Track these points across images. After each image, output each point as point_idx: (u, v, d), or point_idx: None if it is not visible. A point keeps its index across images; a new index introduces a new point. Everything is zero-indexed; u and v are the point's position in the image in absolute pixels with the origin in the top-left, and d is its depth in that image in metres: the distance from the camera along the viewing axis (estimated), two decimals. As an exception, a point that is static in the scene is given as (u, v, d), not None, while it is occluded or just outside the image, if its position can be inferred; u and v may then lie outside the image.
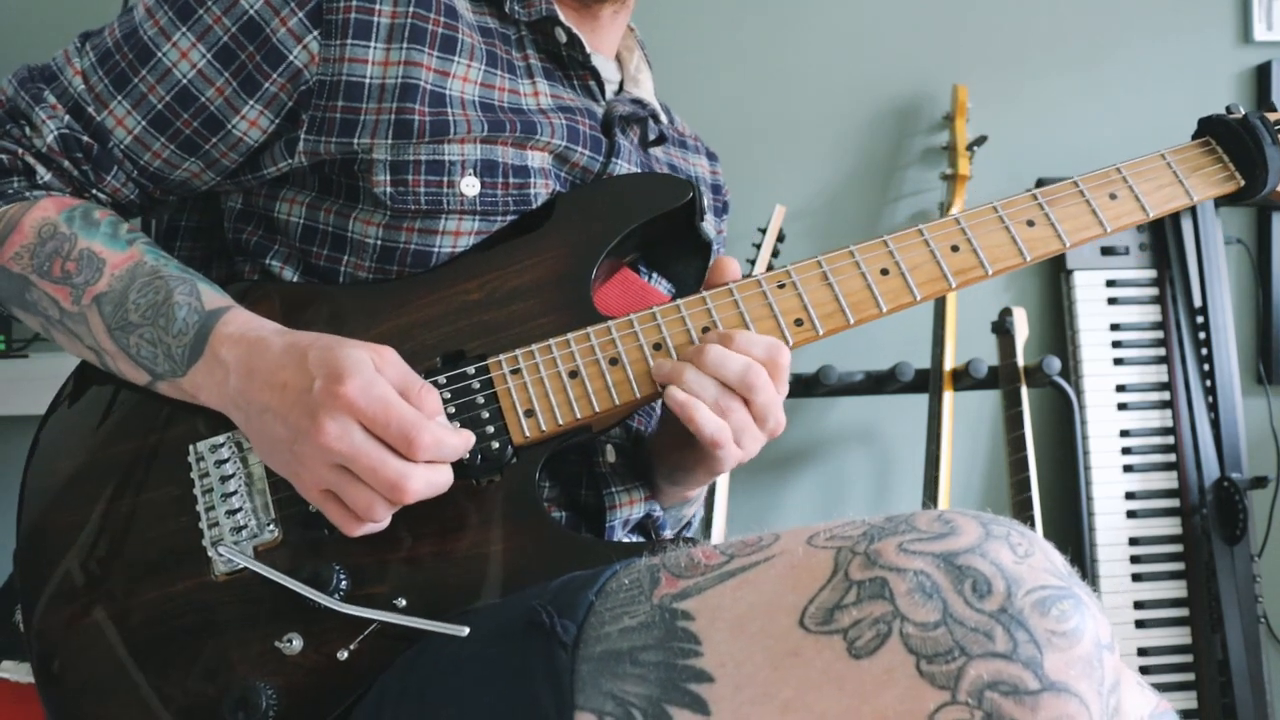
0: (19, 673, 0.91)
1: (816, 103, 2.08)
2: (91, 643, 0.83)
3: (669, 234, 0.97)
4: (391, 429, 0.77)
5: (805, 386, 1.94)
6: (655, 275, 1.03)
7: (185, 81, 0.90)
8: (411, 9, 0.90)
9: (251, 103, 0.90)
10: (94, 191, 0.94)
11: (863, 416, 2.09)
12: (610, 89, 1.05)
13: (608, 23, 1.04)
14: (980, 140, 2.00)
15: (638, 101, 1.04)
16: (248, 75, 0.89)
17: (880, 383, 1.95)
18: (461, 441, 0.81)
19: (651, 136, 1.08)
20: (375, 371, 0.78)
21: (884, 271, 0.92)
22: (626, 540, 1.00)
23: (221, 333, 0.84)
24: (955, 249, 0.93)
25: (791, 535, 0.70)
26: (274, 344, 0.82)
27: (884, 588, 0.63)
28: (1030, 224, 0.95)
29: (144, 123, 0.91)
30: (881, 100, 2.09)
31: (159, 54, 0.90)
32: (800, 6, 2.07)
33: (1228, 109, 1.05)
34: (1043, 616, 0.60)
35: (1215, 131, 1.04)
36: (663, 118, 1.08)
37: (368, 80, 0.89)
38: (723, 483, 1.85)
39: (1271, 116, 1.04)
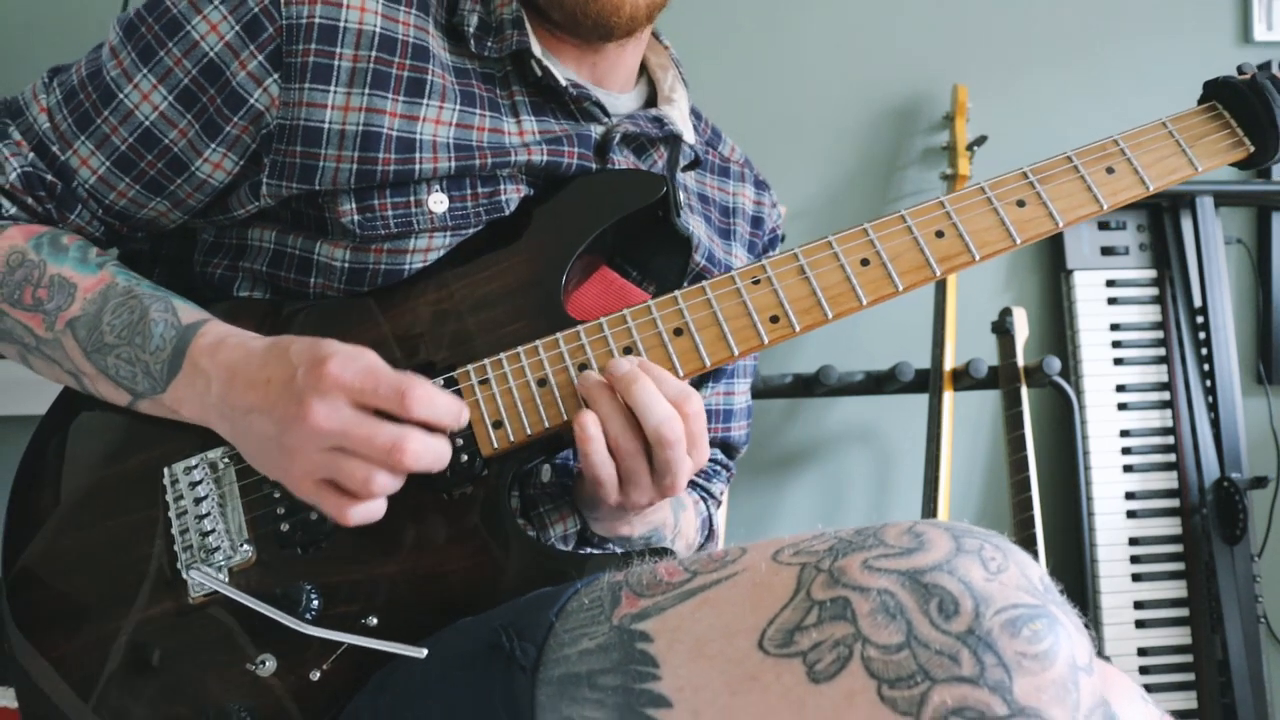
0: (4, 698, 0.91)
1: (816, 103, 2.08)
2: (71, 667, 0.82)
3: (645, 231, 0.94)
4: (382, 389, 0.76)
5: (805, 386, 1.94)
6: (638, 273, 1.00)
7: (148, 123, 0.89)
8: (374, 53, 0.88)
9: (214, 145, 0.89)
10: (59, 227, 0.92)
11: (863, 416, 2.09)
12: (619, 117, 1.00)
13: (613, 54, 0.99)
14: (980, 140, 2.00)
15: (656, 119, 0.99)
16: (209, 118, 0.88)
17: (880, 383, 1.95)
18: (454, 403, 0.80)
19: (684, 161, 1.03)
20: (355, 352, 0.78)
21: (864, 262, 0.87)
22: (598, 551, 0.99)
23: (199, 344, 0.83)
24: (940, 234, 0.88)
25: (757, 550, 0.68)
26: (254, 346, 0.82)
27: (846, 608, 0.60)
28: (1021, 204, 0.89)
29: (108, 163, 0.90)
30: (881, 100, 2.09)
31: (121, 95, 0.89)
32: (800, 6, 2.07)
33: (1239, 69, 0.98)
34: (1013, 638, 0.57)
35: (1221, 95, 0.96)
36: (689, 137, 1.03)
37: (327, 125, 0.87)
38: (723, 483, 1.85)
39: None
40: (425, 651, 0.74)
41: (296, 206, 0.91)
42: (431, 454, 0.78)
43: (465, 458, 0.83)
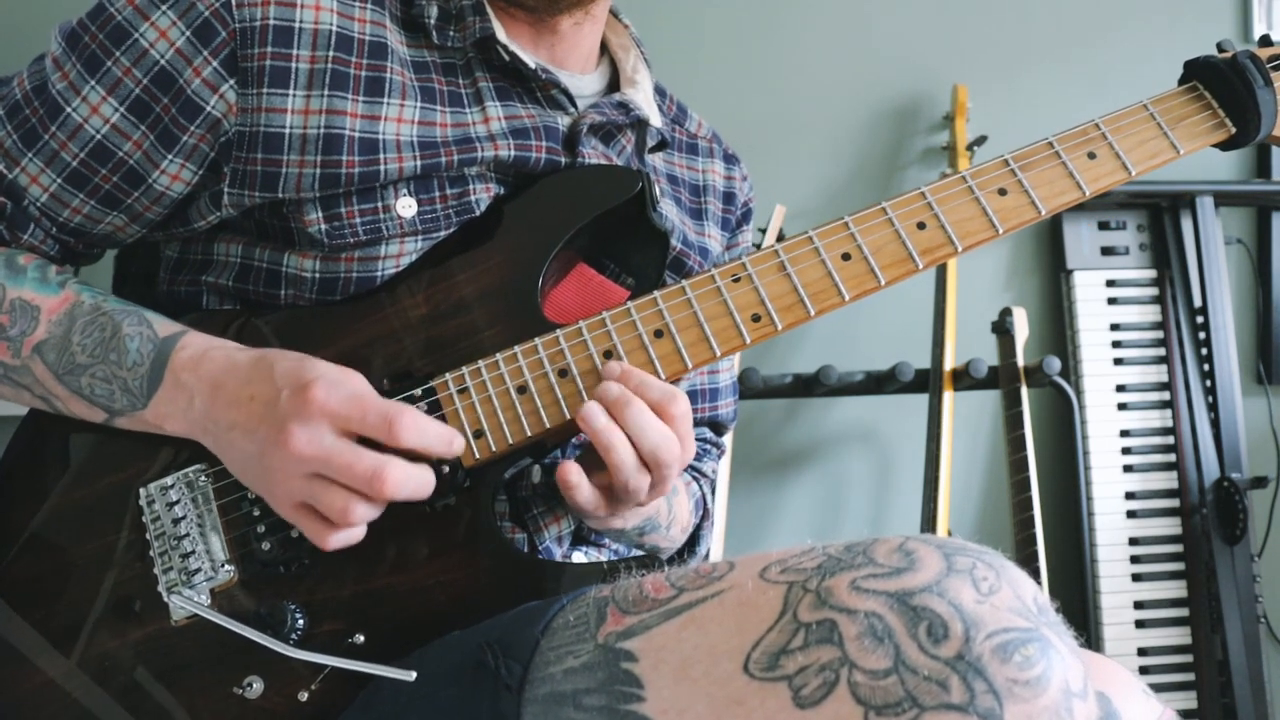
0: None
1: (816, 103, 2.08)
2: (55, 694, 0.81)
3: (622, 225, 0.92)
4: (369, 417, 0.75)
5: (805, 386, 1.94)
6: (615, 266, 0.98)
7: (99, 137, 0.85)
8: (331, 53, 0.85)
9: (171, 156, 0.86)
10: (12, 248, 0.89)
11: (863, 416, 2.09)
12: (585, 103, 0.99)
13: (570, 34, 0.97)
14: (980, 140, 2.00)
15: (622, 105, 0.97)
16: (164, 128, 0.85)
17: (880, 383, 1.95)
18: (444, 431, 0.79)
19: (651, 143, 1.02)
20: (342, 376, 0.77)
21: (845, 256, 0.86)
22: (584, 561, 0.98)
23: (180, 357, 0.82)
24: (922, 226, 0.87)
25: (745, 565, 0.67)
26: (239, 359, 0.81)
27: (833, 631, 0.59)
28: (1002, 192, 0.89)
29: (59, 180, 0.87)
30: (881, 100, 2.09)
31: (69, 109, 0.85)
32: (800, 6, 2.07)
33: (1219, 46, 0.97)
34: (1004, 663, 0.56)
35: (1202, 76, 0.94)
36: (655, 120, 1.01)
37: (288, 130, 0.84)
38: (723, 483, 1.85)
39: (1264, 53, 0.95)
40: (414, 675, 0.74)
41: (260, 217, 0.88)
42: (413, 483, 0.77)
43: (446, 469, 0.82)
